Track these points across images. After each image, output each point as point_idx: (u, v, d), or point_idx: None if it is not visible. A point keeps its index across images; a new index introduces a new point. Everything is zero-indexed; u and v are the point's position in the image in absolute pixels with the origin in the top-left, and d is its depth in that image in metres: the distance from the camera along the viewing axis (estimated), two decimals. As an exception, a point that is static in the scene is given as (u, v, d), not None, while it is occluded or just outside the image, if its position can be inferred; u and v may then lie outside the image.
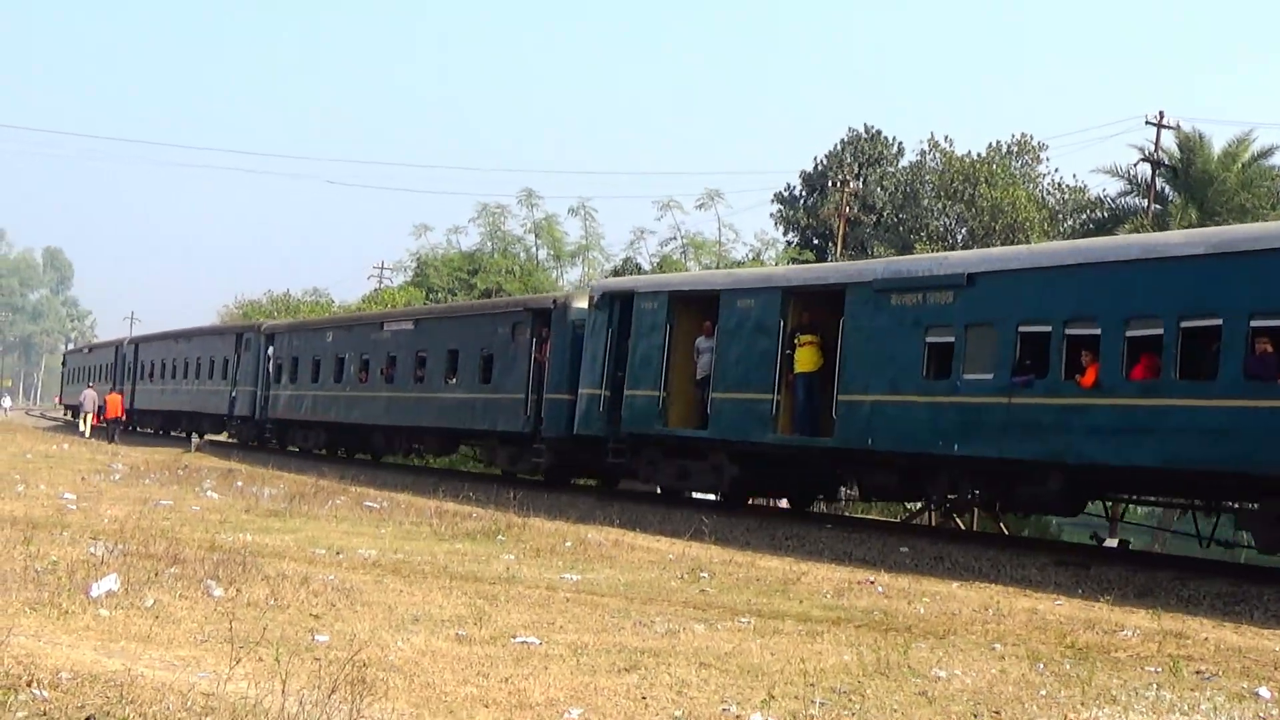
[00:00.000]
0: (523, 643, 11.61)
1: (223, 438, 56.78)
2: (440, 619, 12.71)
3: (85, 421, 59.10)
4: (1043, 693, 10.48)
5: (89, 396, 60.04)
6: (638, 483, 31.56)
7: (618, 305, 28.84)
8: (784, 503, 31.02)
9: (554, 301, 32.33)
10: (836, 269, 29.30)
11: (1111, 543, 25.24)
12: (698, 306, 27.35)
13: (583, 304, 30.64)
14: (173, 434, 60.69)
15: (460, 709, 9.07)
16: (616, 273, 67.34)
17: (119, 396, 57.42)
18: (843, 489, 28.73)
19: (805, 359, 24.58)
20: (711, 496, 33.52)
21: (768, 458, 26.18)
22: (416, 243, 79.97)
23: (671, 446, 27.87)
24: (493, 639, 11.76)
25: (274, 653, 9.86)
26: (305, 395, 45.28)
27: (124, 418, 58.31)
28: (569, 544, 20.39)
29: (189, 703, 8.37)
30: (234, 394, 51.25)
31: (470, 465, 43.47)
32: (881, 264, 23.74)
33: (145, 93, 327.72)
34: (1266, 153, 52.73)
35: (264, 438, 50.04)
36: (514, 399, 32.44)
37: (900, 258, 30.29)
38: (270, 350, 48.89)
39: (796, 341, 24.65)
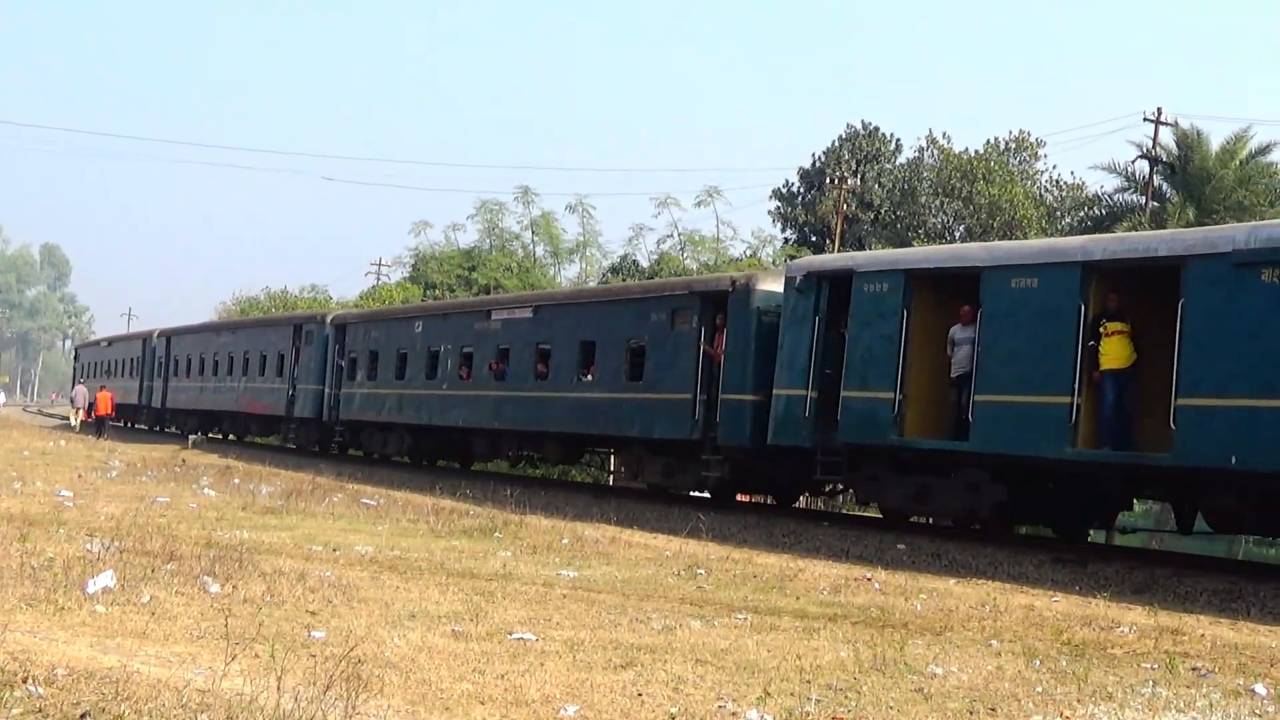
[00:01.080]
0: (519, 639, 11.61)
1: (273, 441, 52.95)
2: (437, 615, 12.70)
3: (75, 417, 62.02)
4: (1039, 689, 10.48)
5: (80, 392, 63.68)
6: (830, 499, 29.11)
7: (827, 288, 23.91)
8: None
9: (732, 284, 26.76)
10: (1168, 237, 22.02)
11: None
12: (947, 288, 22.57)
13: (771, 286, 25.75)
14: (209, 435, 55.43)
15: (456, 706, 9.07)
16: (615, 270, 67.38)
17: (109, 394, 57.74)
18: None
19: (1114, 353, 20.01)
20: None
21: (1055, 476, 21.80)
22: (415, 239, 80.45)
23: (907, 460, 22.94)
24: (489, 635, 11.75)
25: (269, 649, 9.86)
26: (387, 395, 39.63)
27: (113, 415, 59.12)
28: (566, 541, 20.39)
29: (184, 699, 8.36)
30: (293, 393, 45.53)
31: (577, 475, 41.03)
32: (1244, 230, 18.96)
33: (143, 89, 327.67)
34: (1264, 149, 52.77)
35: (333, 443, 44.45)
36: (676, 400, 27.29)
37: (1271, 222, 23.79)
38: (342, 343, 43.10)
39: (1102, 330, 20.08)
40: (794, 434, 23.90)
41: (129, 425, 68.83)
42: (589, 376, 30.67)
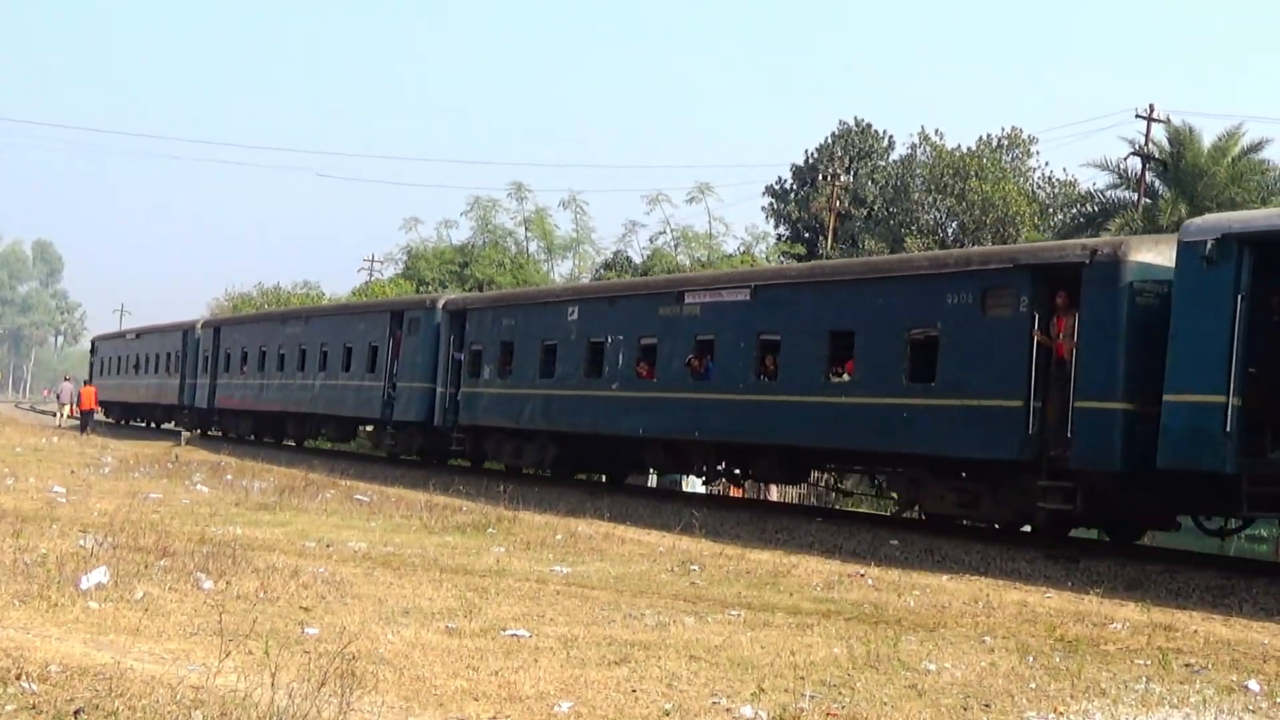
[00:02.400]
0: (513, 635, 11.62)
1: (350, 447, 48.02)
2: (430, 612, 12.70)
3: (62, 412, 61.71)
4: (1032, 685, 10.50)
5: (66, 389, 62.75)
6: None
7: (1251, 256, 17.75)
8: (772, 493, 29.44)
9: (1090, 254, 20.00)
10: None
11: None
12: None
13: (1148, 256, 19.69)
14: (265, 440, 50.05)
15: (450, 702, 9.07)
16: (609, 267, 67.39)
17: (93, 389, 57.64)
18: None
19: None
20: (701, 490, 32.71)
21: None
22: (407, 236, 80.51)
23: None
24: (483, 632, 11.76)
25: (263, 645, 9.85)
26: (528, 396, 32.38)
27: (98, 410, 59.05)
28: (559, 537, 20.39)
29: (178, 696, 8.36)
30: (393, 392, 37.87)
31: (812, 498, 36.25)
32: None
33: (135, 85, 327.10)
34: (1256, 146, 52.76)
35: (451, 450, 36.52)
36: (997, 407, 20.83)
37: None
38: (459, 333, 35.50)
39: None
40: (1204, 454, 17.72)
41: (153, 427, 62.57)
42: (843, 376, 24.13)
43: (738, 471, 28.88)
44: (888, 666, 10.92)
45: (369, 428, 43.84)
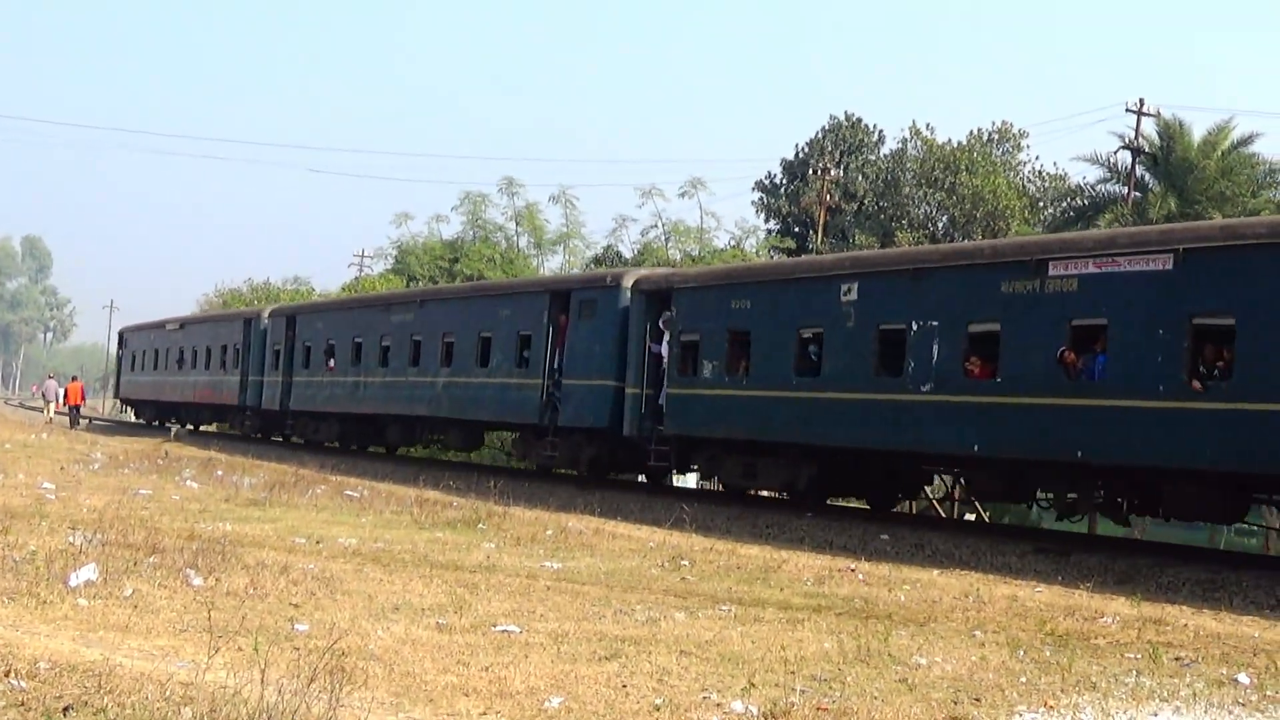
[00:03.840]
0: (503, 631, 11.61)
1: (485, 458, 42.76)
2: (420, 608, 12.69)
3: (49, 409, 60.27)
4: (1023, 680, 10.50)
5: (51, 386, 61.44)
6: None
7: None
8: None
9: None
10: None
11: None
12: None
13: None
14: (353, 448, 42.57)
15: (440, 698, 9.06)
16: (598, 262, 67.36)
17: (79, 384, 57.59)
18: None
19: None
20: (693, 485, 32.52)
21: None
22: (397, 231, 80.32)
23: None
24: (473, 627, 11.75)
25: (253, 642, 9.84)
26: (777, 400, 24.97)
27: (84, 404, 58.85)
28: (550, 532, 20.38)
29: (168, 693, 8.35)
30: (556, 391, 30.56)
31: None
32: None
33: (125, 80, 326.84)
34: (1246, 140, 52.75)
35: (652, 465, 29.20)
36: None
37: None
38: (658, 318, 28.18)
39: None
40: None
41: (193, 429, 54.91)
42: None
43: (1136, 503, 20.87)
44: (878, 661, 10.93)
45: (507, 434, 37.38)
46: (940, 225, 61.54)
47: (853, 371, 23.33)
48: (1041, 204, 62.92)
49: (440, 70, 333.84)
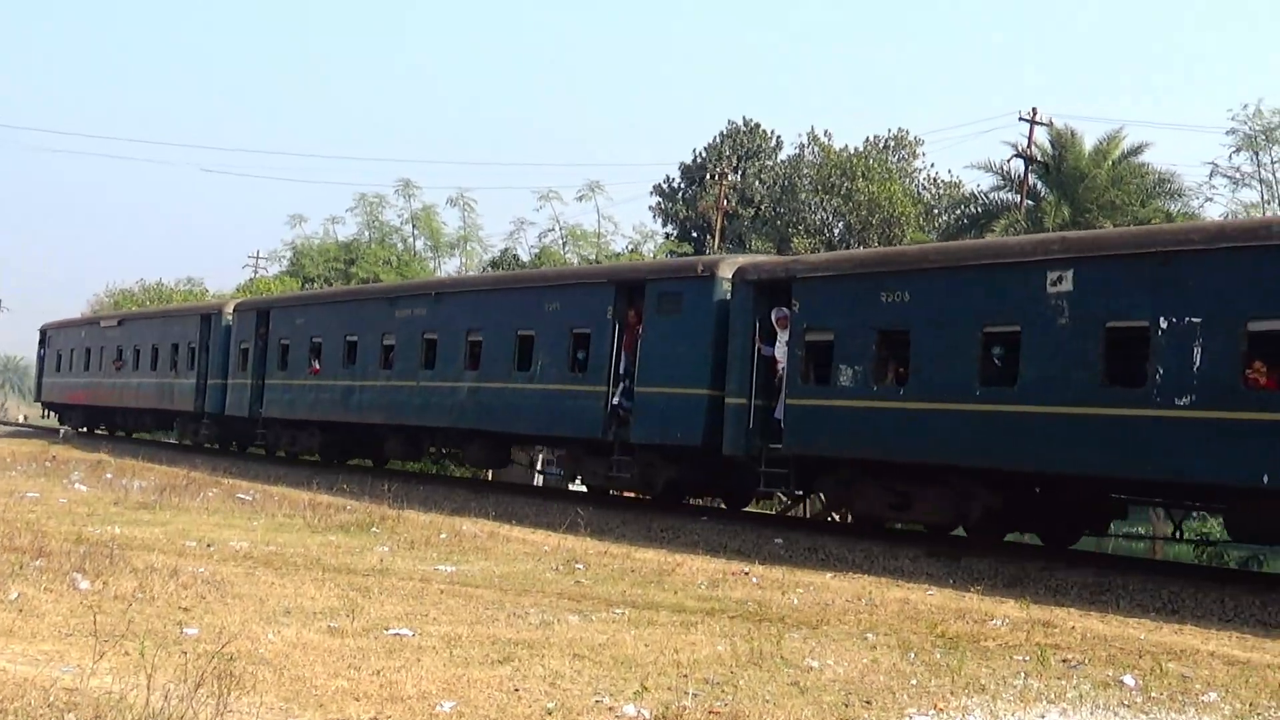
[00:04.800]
0: (395, 635, 11.55)
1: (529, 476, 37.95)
2: (312, 611, 12.59)
3: None
4: (913, 682, 10.58)
5: None
6: None
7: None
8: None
9: None
10: None
11: None
12: None
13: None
14: (346, 463, 37.60)
15: (330, 702, 8.98)
16: (495, 265, 67.24)
17: None
18: None
19: None
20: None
21: None
22: (292, 232, 79.90)
23: None
24: (365, 631, 11.68)
25: (139, 646, 9.71)
26: (952, 413, 20.01)
27: None
28: (444, 536, 20.31)
29: (51, 698, 8.22)
30: (626, 401, 25.28)
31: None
32: None
33: (13, 75, 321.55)
34: (1136, 150, 53.57)
35: (759, 490, 24.52)
36: None
37: None
38: (766, 314, 23.05)
39: None
40: None
41: (87, 432, 52.75)
42: None
43: None
44: (771, 664, 10.97)
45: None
46: (836, 231, 61.97)
47: (1066, 380, 18.56)
48: (936, 211, 63.57)
49: (334, 70, 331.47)
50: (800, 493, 25.55)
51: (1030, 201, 53.84)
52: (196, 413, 42.45)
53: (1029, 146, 53.97)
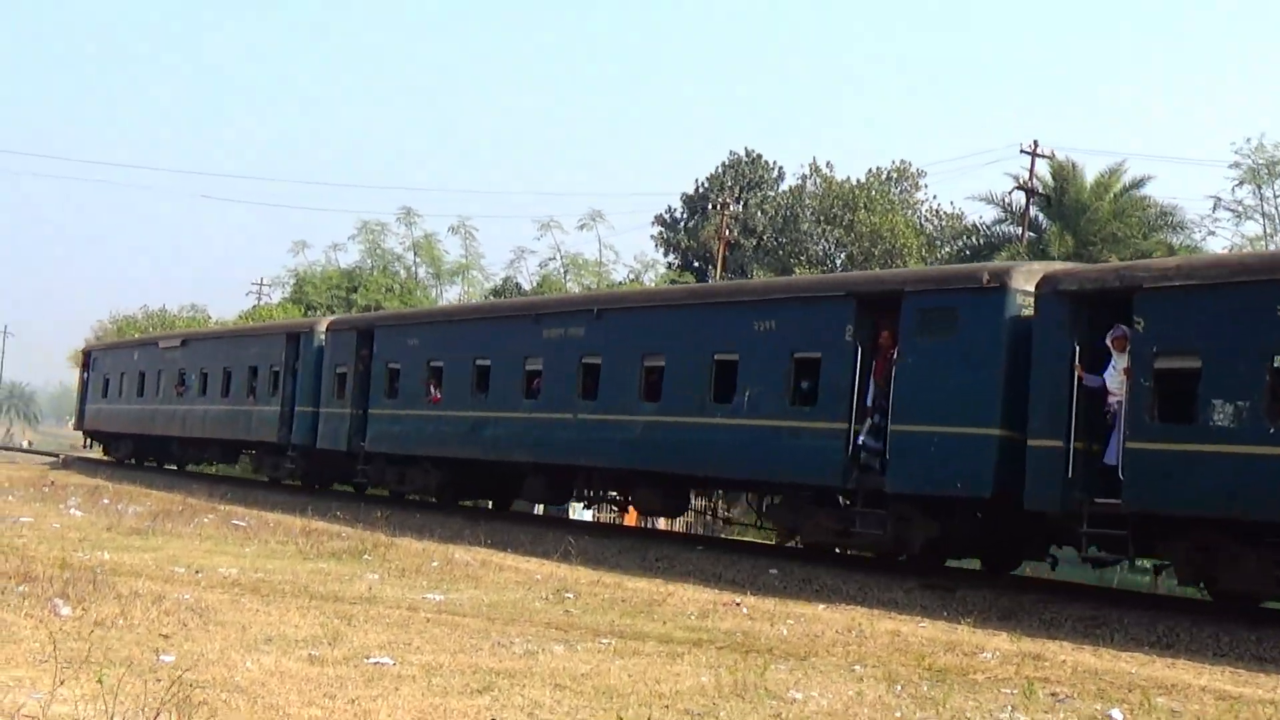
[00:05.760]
0: (376, 663, 11.41)
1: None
2: (294, 639, 12.46)
3: None
4: (898, 714, 10.45)
5: None
6: None
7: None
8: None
9: None
10: None
11: None
12: None
13: None
14: (472, 504, 34.25)
15: (301, 732, 8.87)
16: (497, 293, 67.24)
17: None
18: None
19: None
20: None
21: None
22: (295, 259, 79.99)
23: None
24: (346, 659, 11.54)
25: (98, 674, 9.56)
26: None
27: None
28: (435, 564, 20.16)
29: (13, 726, 8.11)
30: (870, 441, 20.76)
31: None
32: None
33: (14, 101, 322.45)
34: (1138, 183, 53.63)
35: (1085, 553, 18.92)
36: None
37: None
38: (1107, 339, 18.25)
39: None
40: None
41: (142, 464, 48.36)
42: None
43: None
44: (754, 695, 10.83)
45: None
46: (838, 262, 61.98)
47: None
48: (938, 242, 63.57)
49: (337, 99, 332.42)
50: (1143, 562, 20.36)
51: (1032, 234, 53.82)
52: (280, 444, 37.39)
53: (1030, 179, 53.99)
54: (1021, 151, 53.84)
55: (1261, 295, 16.53)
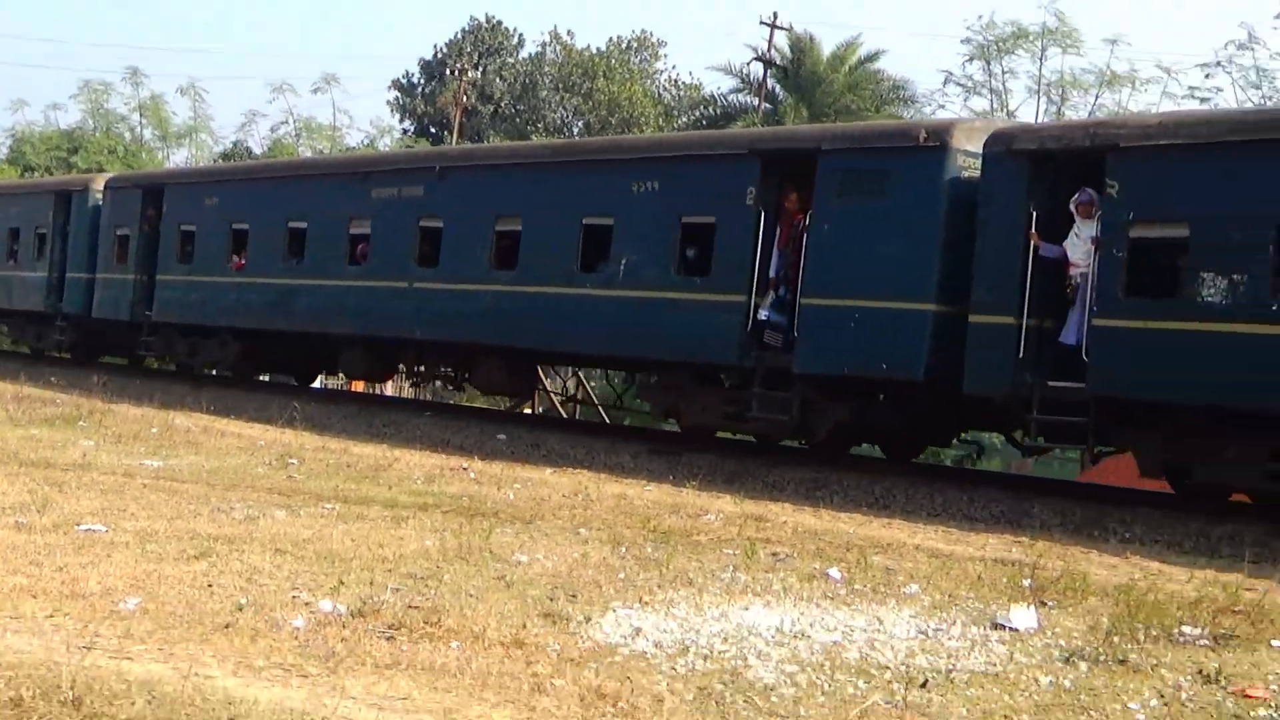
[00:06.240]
0: (88, 530, 11.05)
1: None
2: (0, 507, 11.98)
3: None
4: (621, 575, 10.48)
5: None
6: None
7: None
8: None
9: None
10: None
11: None
12: None
13: None
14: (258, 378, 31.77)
15: (4, 600, 8.49)
16: (227, 157, 65.51)
17: None
18: None
19: None
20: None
21: None
22: (12, 118, 76.78)
23: None
24: (55, 527, 11.14)
25: None
26: None
27: None
28: (155, 430, 19.65)
29: None
30: (770, 316, 18.67)
31: None
32: None
33: None
34: (872, 57, 54.55)
35: (1023, 440, 18.17)
36: None
37: None
38: (1071, 205, 16.20)
39: None
40: None
41: None
42: None
43: None
44: (478, 559, 10.76)
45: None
46: (575, 130, 61.82)
47: None
48: (676, 112, 63.81)
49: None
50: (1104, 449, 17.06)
51: (768, 105, 54.35)
52: (48, 313, 33.87)
53: (769, 50, 54.41)
54: (761, 23, 54.24)
55: (1266, 154, 14.64)
